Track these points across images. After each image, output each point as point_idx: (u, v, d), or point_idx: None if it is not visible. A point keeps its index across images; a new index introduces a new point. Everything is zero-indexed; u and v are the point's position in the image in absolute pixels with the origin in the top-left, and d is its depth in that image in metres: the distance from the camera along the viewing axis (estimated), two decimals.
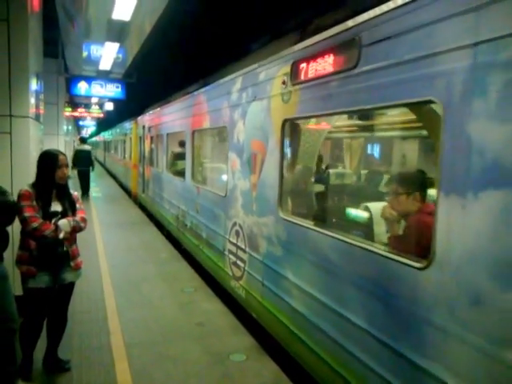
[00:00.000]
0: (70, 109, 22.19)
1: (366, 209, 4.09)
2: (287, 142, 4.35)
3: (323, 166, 6.23)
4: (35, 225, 3.35)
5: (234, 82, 5.43)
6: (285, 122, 4.17)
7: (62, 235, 3.43)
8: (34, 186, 3.53)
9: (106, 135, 32.86)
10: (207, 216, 6.56)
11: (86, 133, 50.86)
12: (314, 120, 4.68)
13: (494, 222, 2.09)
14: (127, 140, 17.53)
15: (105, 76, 14.64)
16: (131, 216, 11.95)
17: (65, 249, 3.56)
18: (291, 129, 4.37)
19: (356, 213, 4.38)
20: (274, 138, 4.34)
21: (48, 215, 3.46)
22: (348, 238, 3.23)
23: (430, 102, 2.50)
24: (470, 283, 2.19)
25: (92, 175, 16.23)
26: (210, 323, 4.93)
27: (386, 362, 2.76)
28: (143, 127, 13.16)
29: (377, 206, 3.90)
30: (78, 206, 3.71)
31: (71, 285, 3.75)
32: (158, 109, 11.07)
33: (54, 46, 12.87)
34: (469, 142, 2.20)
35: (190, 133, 7.59)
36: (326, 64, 3.45)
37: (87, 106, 24.24)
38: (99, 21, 9.18)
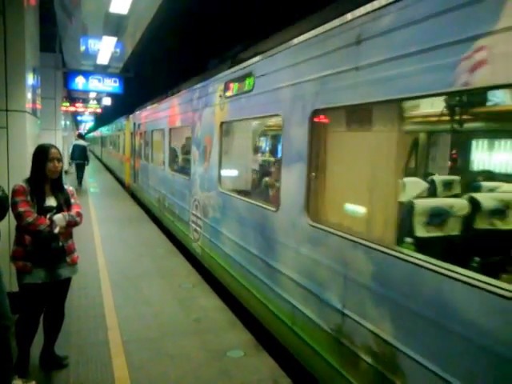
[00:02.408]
0: (67, 103, 22.10)
1: (265, 182, 6.26)
2: (223, 137, 6.12)
3: (247, 154, 7.41)
4: (30, 219, 3.32)
5: (195, 92, 7.27)
6: (222, 123, 5.97)
7: (57, 230, 3.40)
8: (28, 180, 3.50)
9: (102, 131, 34.22)
10: (178, 196, 8.39)
11: (84, 128, 50.70)
12: (240, 121, 6.09)
13: (296, 183, 3.91)
14: (121, 135, 19.03)
15: (102, 70, 14.58)
16: (128, 211, 11.93)
17: (60, 244, 3.52)
18: (225, 128, 6.15)
19: (259, 185, 6.49)
20: (216, 134, 6.13)
21: (43, 210, 3.43)
22: (250, 200, 5.14)
23: (277, 115, 4.37)
24: (290, 217, 4.04)
25: (90, 171, 16.78)
26: (208, 319, 4.92)
27: (263, 269, 4.63)
28: (134, 124, 14.71)
29: (266, 180, 6.23)
30: (73, 200, 3.68)
31: (67, 280, 3.72)
32: (145, 109, 12.74)
33: (52, 40, 12.80)
34: (291, 139, 4.06)
35: (168, 130, 9.35)
36: (240, 86, 5.31)
37: (85, 100, 24.16)
38: (97, 14, 9.13)
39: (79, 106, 24.46)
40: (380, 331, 2.85)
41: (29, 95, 4.91)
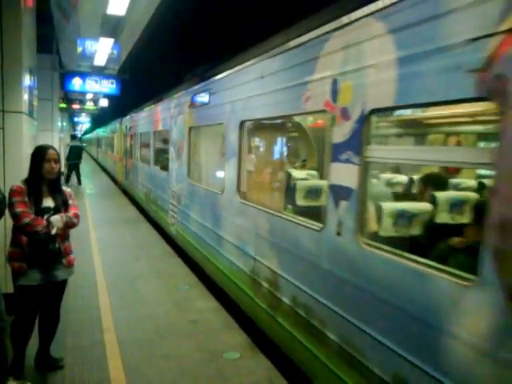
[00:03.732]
0: (64, 105, 22.03)
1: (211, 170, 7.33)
2: (191, 140, 7.61)
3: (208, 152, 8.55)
4: (27, 220, 3.31)
5: (172, 101, 8.82)
6: (190, 128, 7.50)
7: (54, 231, 3.39)
8: (26, 181, 3.50)
9: (98, 133, 35.63)
10: (161, 189, 9.77)
11: (80, 129, 50.60)
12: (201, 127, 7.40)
13: (232, 173, 5.30)
14: (115, 137, 20.40)
15: (99, 72, 14.56)
16: (125, 212, 11.91)
17: (57, 245, 3.51)
18: (193, 132, 7.57)
19: (210, 173, 7.42)
20: (186, 137, 7.62)
21: (40, 211, 3.43)
22: (208, 187, 6.57)
23: (222, 123, 5.72)
24: (229, 198, 5.44)
25: (86, 171, 17.25)
26: (204, 321, 4.92)
27: (214, 238, 6.08)
28: (126, 127, 16.16)
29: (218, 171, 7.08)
30: (70, 202, 3.68)
31: (63, 282, 3.71)
32: (135, 113, 14.41)
33: (49, 41, 12.76)
34: (229, 141, 5.45)
35: (153, 133, 10.89)
36: (201, 99, 6.80)
37: (82, 102, 24.08)
38: (94, 16, 9.12)
39: (76, 108, 24.35)
40: (271, 265, 4.37)
41: (25, 96, 4.90)
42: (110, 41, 10.93)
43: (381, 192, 4.44)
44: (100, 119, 33.32)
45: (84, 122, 41.50)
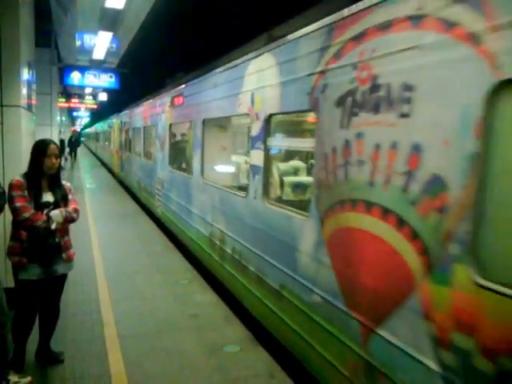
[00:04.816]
0: (63, 99, 21.97)
1: (189, 161, 8.23)
2: (171, 134, 9.16)
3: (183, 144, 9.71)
4: (26, 215, 3.30)
5: (158, 100, 10.24)
6: (170, 124, 8.96)
7: (53, 226, 3.38)
8: (25, 175, 3.49)
9: (96, 128, 37.17)
10: (149, 177, 11.18)
11: (79, 123, 50.50)
12: (179, 124, 8.90)
13: (198, 160, 6.87)
14: (112, 132, 21.75)
15: (98, 66, 14.50)
16: (124, 207, 11.90)
17: (57, 240, 3.51)
18: (172, 127, 9.07)
19: (185, 162, 9.01)
20: (167, 131, 9.05)
21: (40, 206, 3.42)
22: (183, 173, 8.12)
23: (191, 121, 7.38)
24: (196, 179, 6.95)
25: (87, 166, 18.47)
26: (204, 315, 4.93)
27: (186, 213, 7.50)
28: (121, 122, 17.66)
29: (189, 160, 8.26)
30: (70, 196, 3.67)
31: (63, 277, 3.71)
32: (128, 110, 15.75)
33: (47, 35, 12.71)
34: (196, 135, 7.03)
35: (142, 128, 12.43)
36: (178, 100, 8.20)
37: (81, 96, 24.01)
38: (92, 9, 9.07)
39: (75, 102, 24.29)
40: (220, 227, 5.80)
41: (24, 90, 4.88)
42: (109, 34, 10.88)
43: (285, 171, 5.89)
44: (99, 114, 33.46)
45: (83, 116, 41.40)
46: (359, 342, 2.97)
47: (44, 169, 3.48)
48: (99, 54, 12.91)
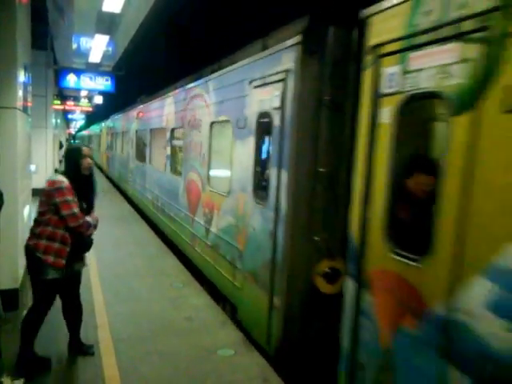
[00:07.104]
0: (58, 102, 21.92)
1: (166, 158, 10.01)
2: (137, 137, 12.48)
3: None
4: (81, 221, 3.46)
5: (129, 113, 13.42)
6: (136, 131, 12.49)
7: (94, 231, 3.66)
8: (68, 178, 3.51)
9: (90, 131, 39.23)
10: (125, 168, 14.39)
11: (74, 126, 50.39)
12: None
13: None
14: (102, 135, 24.95)
15: (94, 69, 14.49)
16: (119, 210, 11.88)
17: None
18: (137, 133, 12.27)
19: (142, 156, 11.65)
20: (134, 135, 12.71)
21: (82, 210, 3.56)
22: (141, 162, 11.84)
23: (146, 129, 11.33)
24: (149, 166, 10.99)
25: None
26: (199, 318, 4.93)
27: (148, 192, 10.88)
28: (107, 127, 20.98)
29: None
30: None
31: (79, 272, 3.89)
32: (113, 117, 19.03)
33: (43, 37, 12.67)
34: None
35: (121, 132, 15.81)
36: (140, 114, 11.91)
37: (76, 99, 23.98)
38: (89, 13, 9.09)
39: (70, 104, 24.22)
40: (156, 191, 9.72)
41: (19, 92, 4.88)
42: (106, 38, 10.90)
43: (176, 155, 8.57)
44: (94, 117, 33.69)
45: (78, 118, 41.32)
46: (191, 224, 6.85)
47: (82, 170, 3.58)
48: (95, 57, 12.92)
